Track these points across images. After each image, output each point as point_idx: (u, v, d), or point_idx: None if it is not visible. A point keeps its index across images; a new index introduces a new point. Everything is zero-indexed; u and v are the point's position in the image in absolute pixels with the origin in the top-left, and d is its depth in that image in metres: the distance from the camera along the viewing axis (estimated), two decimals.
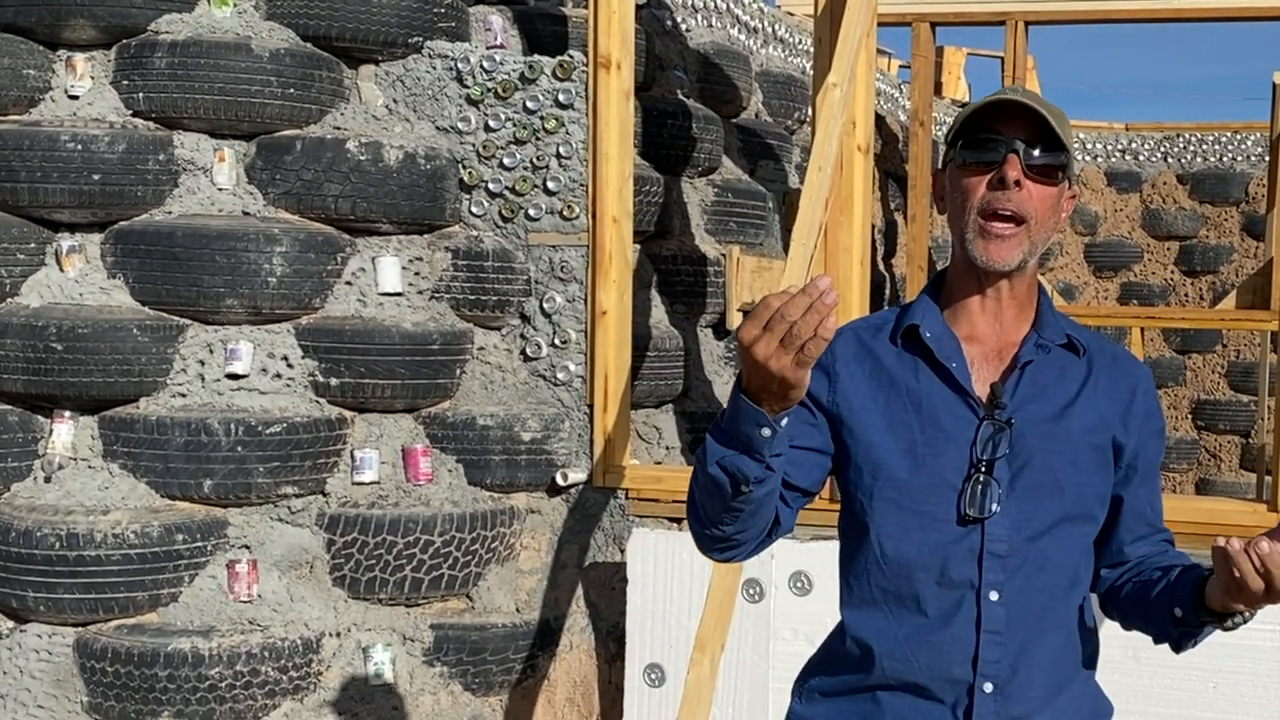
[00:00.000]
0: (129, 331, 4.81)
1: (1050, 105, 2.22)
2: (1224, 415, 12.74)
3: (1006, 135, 2.18)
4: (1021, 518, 2.19)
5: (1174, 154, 13.09)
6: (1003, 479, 2.18)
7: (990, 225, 2.18)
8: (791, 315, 1.86)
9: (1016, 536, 2.18)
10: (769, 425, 2.00)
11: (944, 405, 2.23)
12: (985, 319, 2.26)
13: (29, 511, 4.75)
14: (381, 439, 5.08)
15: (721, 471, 2.07)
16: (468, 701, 5.10)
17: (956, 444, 2.20)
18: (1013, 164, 2.16)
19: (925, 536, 2.20)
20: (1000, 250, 2.18)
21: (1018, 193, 2.17)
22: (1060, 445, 2.21)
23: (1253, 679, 4.40)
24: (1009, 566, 2.18)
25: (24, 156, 4.85)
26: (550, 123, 5.28)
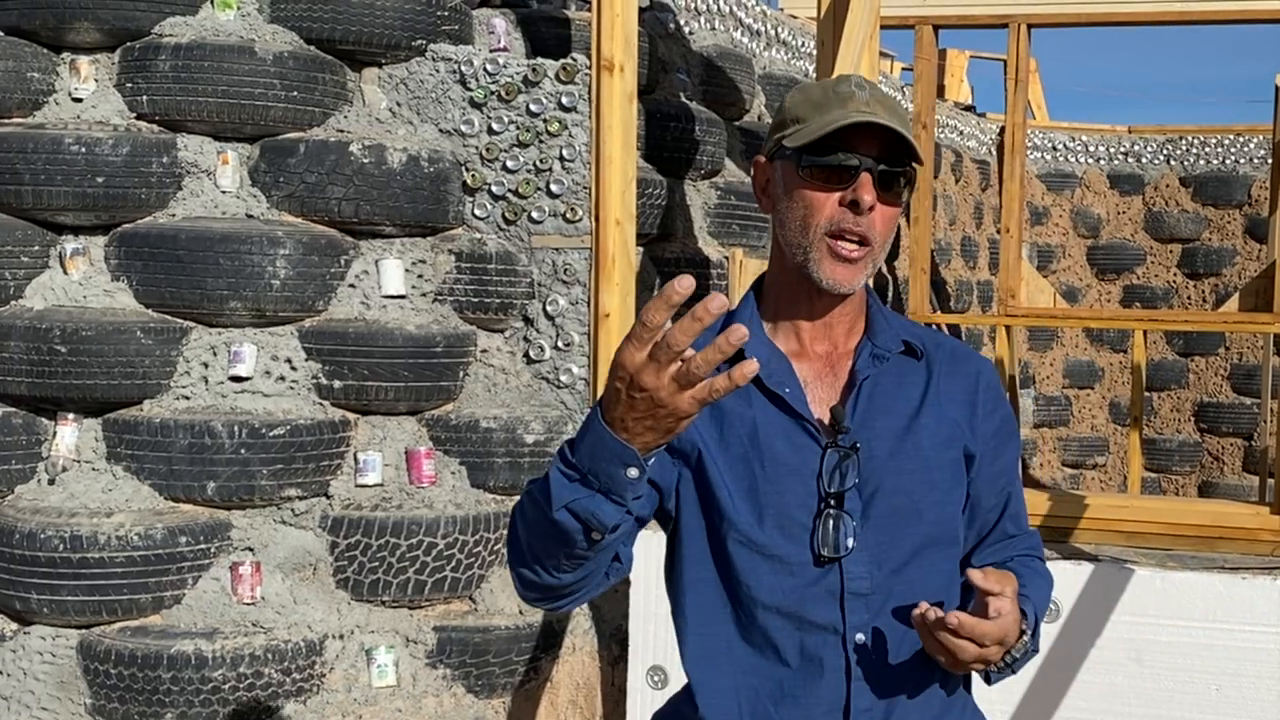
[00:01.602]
0: (133, 334, 4.82)
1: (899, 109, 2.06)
2: (1226, 418, 12.75)
3: (861, 153, 2.00)
4: (881, 550, 2.01)
5: (1176, 156, 13.10)
6: (855, 510, 2.01)
7: (839, 246, 2.01)
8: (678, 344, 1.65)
9: (878, 571, 2.01)
10: (637, 464, 1.74)
11: (782, 435, 2.03)
12: (815, 334, 2.10)
13: (33, 514, 4.76)
14: (385, 441, 5.09)
15: (571, 517, 1.79)
16: (470, 704, 5.10)
17: (801, 477, 2.01)
18: (867, 186, 1.99)
19: (779, 581, 2.01)
20: (848, 273, 2.02)
21: (870, 216, 2.01)
22: (912, 464, 2.04)
23: (1255, 681, 4.40)
24: (873, 605, 2.01)
25: (28, 159, 4.86)
26: (553, 125, 5.29)
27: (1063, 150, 13.24)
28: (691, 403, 1.68)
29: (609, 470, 1.75)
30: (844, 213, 2.00)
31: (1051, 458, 12.98)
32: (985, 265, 11.82)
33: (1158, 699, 4.46)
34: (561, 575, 1.91)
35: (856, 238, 2.00)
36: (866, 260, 2.02)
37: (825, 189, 2.01)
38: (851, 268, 2.02)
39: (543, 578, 1.93)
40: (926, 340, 2.15)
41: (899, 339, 2.11)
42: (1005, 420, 2.16)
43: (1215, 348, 12.81)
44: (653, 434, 1.72)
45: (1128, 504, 5.37)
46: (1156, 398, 12.90)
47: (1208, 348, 12.83)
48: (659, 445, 1.74)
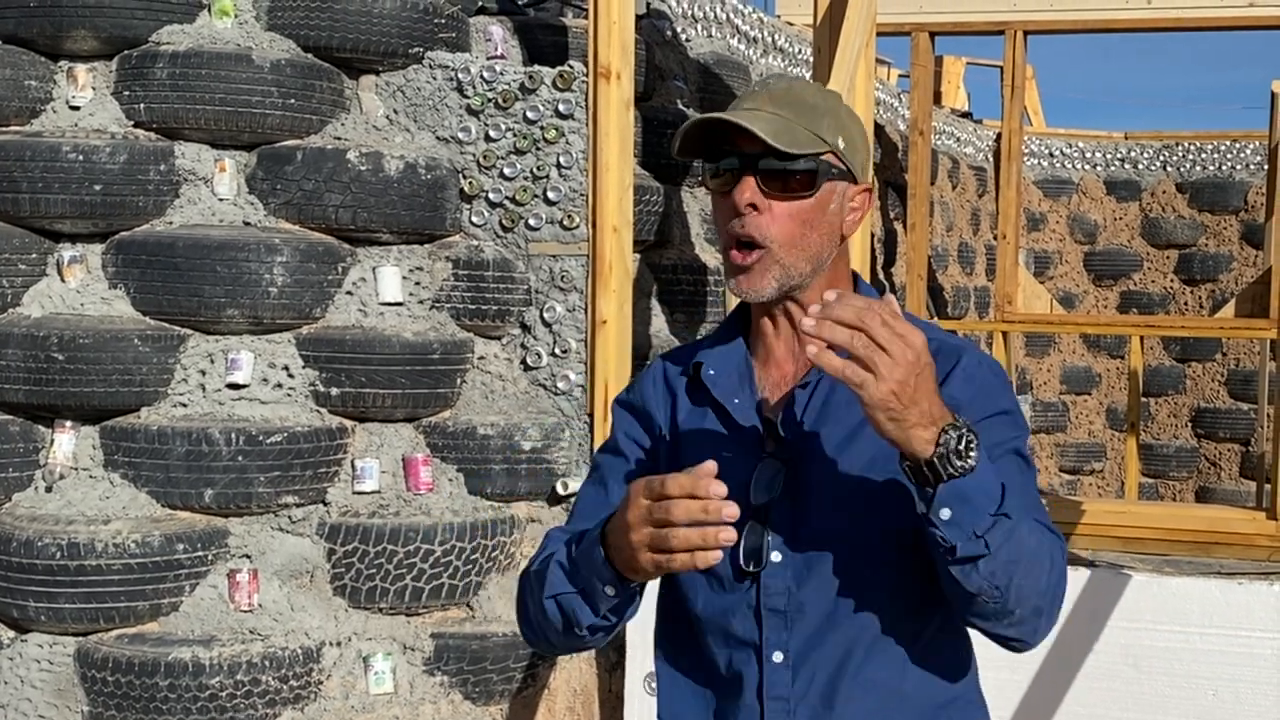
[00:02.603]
0: (130, 341, 4.82)
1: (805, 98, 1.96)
2: (1223, 423, 12.76)
3: (742, 149, 1.92)
4: (804, 565, 1.92)
5: (1173, 163, 13.12)
6: (784, 522, 1.93)
7: (732, 255, 1.94)
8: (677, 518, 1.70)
9: (798, 588, 1.92)
10: (615, 585, 1.83)
11: (725, 448, 1.97)
12: (781, 342, 2.02)
13: (30, 521, 4.76)
14: (382, 448, 5.09)
15: (556, 608, 1.91)
16: (468, 711, 5.10)
17: (732, 490, 1.85)
18: (744, 185, 1.91)
19: (711, 595, 1.98)
20: (750, 280, 1.93)
21: (754, 217, 1.91)
22: (851, 476, 1.93)
23: (1252, 686, 4.41)
24: (792, 623, 1.93)
25: (25, 167, 4.86)
26: (550, 133, 5.30)
27: (1059, 156, 13.26)
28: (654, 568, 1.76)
29: (589, 577, 1.85)
30: (733, 219, 1.94)
31: (1049, 463, 12.99)
32: (982, 271, 11.83)
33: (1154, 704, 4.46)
34: (561, 646, 2.03)
35: (745, 240, 1.93)
36: (766, 263, 1.92)
37: (724, 196, 1.95)
38: (751, 273, 1.93)
39: (545, 645, 2.04)
40: None
41: None
42: (984, 401, 1.94)
43: (1212, 353, 12.83)
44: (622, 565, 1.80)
45: (1125, 509, 5.37)
46: (1153, 403, 12.91)
47: (1205, 353, 12.84)
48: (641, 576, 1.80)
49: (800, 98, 1.96)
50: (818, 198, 1.94)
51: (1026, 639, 1.88)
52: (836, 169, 1.95)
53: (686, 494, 1.70)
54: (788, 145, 1.89)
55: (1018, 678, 4.52)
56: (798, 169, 1.92)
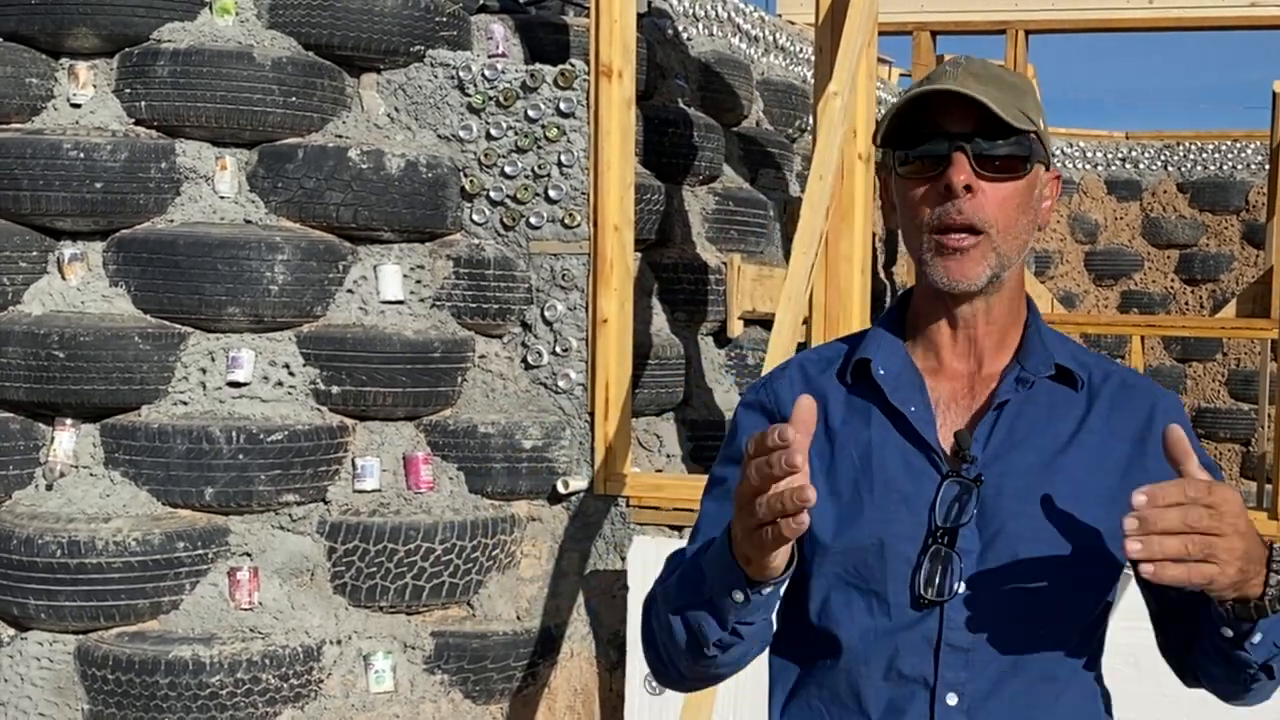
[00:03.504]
0: (131, 339, 4.81)
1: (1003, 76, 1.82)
2: (1224, 423, 12.74)
3: (949, 129, 1.77)
4: (994, 600, 1.74)
5: (1174, 162, 13.11)
6: (971, 551, 1.75)
7: (946, 239, 1.77)
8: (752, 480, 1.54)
9: (985, 624, 1.74)
10: (741, 589, 1.64)
11: (899, 459, 1.79)
12: (957, 350, 1.85)
13: (30, 519, 4.76)
14: (383, 447, 5.08)
15: (682, 626, 1.74)
16: (469, 709, 5.10)
17: (913, 507, 1.77)
18: (959, 166, 1.75)
19: (872, 621, 1.77)
20: (962, 267, 1.77)
21: (970, 200, 1.75)
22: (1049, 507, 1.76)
23: None
24: (974, 662, 1.74)
25: (26, 165, 4.86)
26: (552, 131, 5.29)
27: (1060, 156, 13.25)
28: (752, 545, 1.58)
29: (716, 582, 1.68)
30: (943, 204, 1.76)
31: None
32: None
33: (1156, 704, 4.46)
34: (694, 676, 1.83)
35: (962, 227, 1.76)
36: (984, 249, 1.77)
37: (921, 181, 1.78)
38: (964, 259, 1.77)
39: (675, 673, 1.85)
40: (1094, 368, 1.86)
41: (1052, 363, 1.83)
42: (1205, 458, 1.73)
43: (1213, 353, 12.82)
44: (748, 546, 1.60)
45: None
46: None
47: (1205, 353, 12.83)
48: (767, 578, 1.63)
49: (999, 76, 1.81)
50: (1028, 180, 1.80)
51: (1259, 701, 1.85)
52: (1042, 150, 1.83)
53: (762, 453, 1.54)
54: (1013, 119, 1.74)
55: None
56: (1011, 149, 1.77)
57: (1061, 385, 1.84)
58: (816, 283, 5.30)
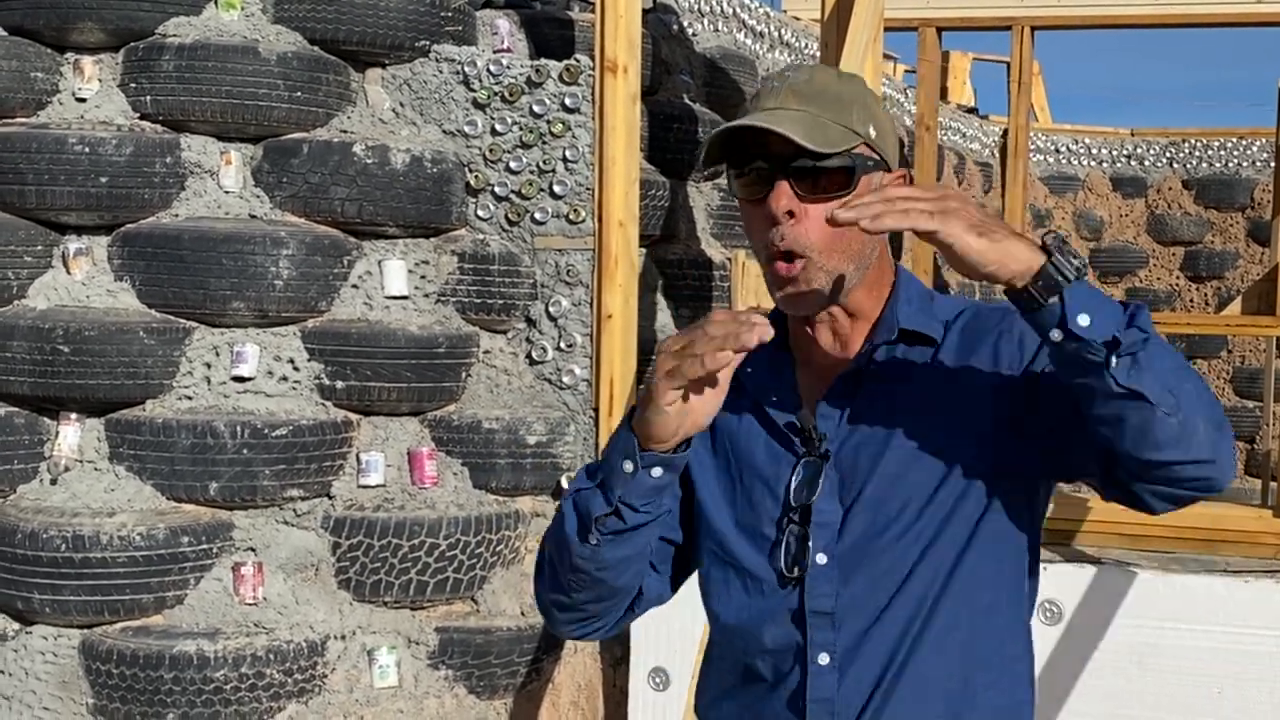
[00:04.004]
0: (135, 334, 4.82)
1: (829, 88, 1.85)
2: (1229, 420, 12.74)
3: (772, 151, 1.80)
4: (852, 564, 1.85)
5: (1179, 159, 13.10)
6: (832, 522, 1.86)
7: (776, 268, 1.83)
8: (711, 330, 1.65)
9: (845, 587, 1.84)
10: (634, 460, 1.73)
11: (762, 446, 1.91)
12: (824, 341, 1.93)
13: (35, 513, 4.76)
14: (387, 442, 5.09)
15: (573, 509, 1.82)
16: (472, 705, 5.10)
17: (773, 490, 1.89)
18: (779, 193, 1.80)
19: (747, 598, 1.91)
20: (798, 296, 1.84)
21: (793, 225, 1.81)
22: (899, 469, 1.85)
23: (1257, 685, 4.40)
24: (840, 623, 1.85)
25: (31, 159, 4.86)
26: (556, 126, 5.29)
27: (1065, 153, 13.24)
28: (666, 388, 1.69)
29: (612, 461, 1.76)
30: (771, 230, 1.83)
31: None
32: None
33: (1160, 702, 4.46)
34: (572, 594, 1.90)
35: (783, 254, 1.82)
36: (811, 273, 1.82)
37: (754, 203, 1.86)
38: (794, 288, 1.84)
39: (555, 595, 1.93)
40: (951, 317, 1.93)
41: (896, 329, 1.90)
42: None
43: (1218, 351, 12.81)
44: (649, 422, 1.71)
45: None
46: None
47: (1210, 351, 12.82)
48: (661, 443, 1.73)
49: (825, 88, 1.85)
50: (854, 194, 1.81)
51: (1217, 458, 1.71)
52: (871, 160, 1.85)
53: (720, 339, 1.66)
54: (821, 145, 1.78)
55: None
56: (833, 167, 1.81)
57: (917, 345, 1.90)
58: None
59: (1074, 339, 1.62)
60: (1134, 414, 1.65)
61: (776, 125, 1.78)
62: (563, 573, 1.88)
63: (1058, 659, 4.51)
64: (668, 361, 1.69)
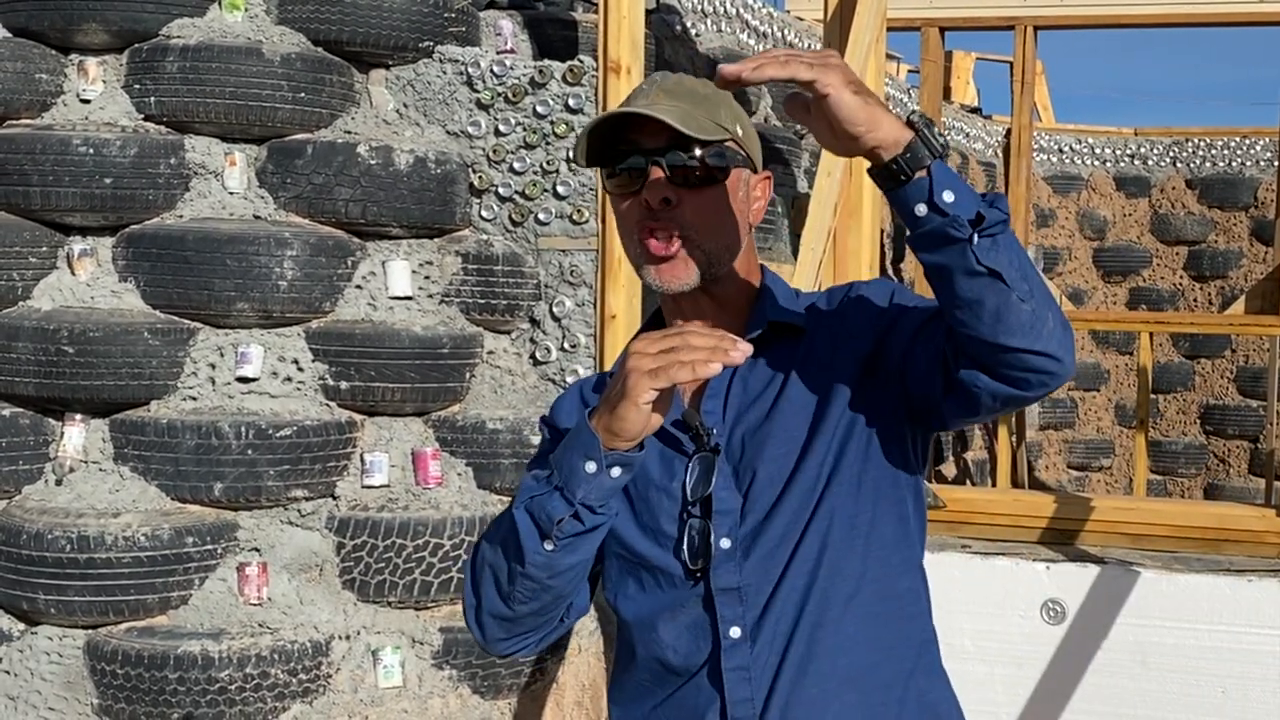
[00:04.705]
0: (140, 335, 4.83)
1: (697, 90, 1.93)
2: (1232, 420, 12.74)
3: (645, 146, 1.88)
4: (751, 541, 1.92)
5: (1183, 159, 13.10)
6: (733, 509, 1.93)
7: (649, 245, 1.89)
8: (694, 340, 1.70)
9: (748, 562, 1.91)
10: (597, 460, 1.75)
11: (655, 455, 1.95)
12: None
13: (40, 514, 4.77)
14: (391, 442, 5.09)
15: (526, 515, 1.83)
16: (476, 705, 5.11)
17: (670, 492, 1.95)
18: (655, 185, 1.88)
19: (660, 593, 1.98)
20: (672, 270, 1.90)
21: (668, 212, 1.88)
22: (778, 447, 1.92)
23: (1261, 684, 4.41)
24: (745, 597, 1.92)
25: (36, 160, 4.87)
26: (560, 127, 5.30)
27: (1069, 152, 13.24)
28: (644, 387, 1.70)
29: (570, 461, 1.78)
30: (645, 219, 1.89)
31: (1057, 460, 12.98)
32: None
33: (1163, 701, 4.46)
34: (514, 605, 1.93)
35: (660, 234, 1.89)
36: (689, 250, 1.90)
37: (627, 195, 1.91)
38: (672, 264, 1.90)
39: (496, 608, 1.96)
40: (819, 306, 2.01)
41: (765, 321, 1.97)
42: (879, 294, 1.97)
43: (1221, 350, 12.81)
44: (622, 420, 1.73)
45: (1133, 506, 5.37)
46: (1162, 400, 12.90)
47: (1214, 350, 12.82)
48: (626, 443, 1.75)
49: (692, 89, 1.93)
50: (728, 185, 1.91)
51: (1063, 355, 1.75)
52: (740, 155, 1.94)
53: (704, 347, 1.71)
54: (696, 131, 1.84)
55: (1026, 673, 4.52)
56: (704, 157, 1.88)
57: (785, 336, 1.97)
58: (824, 279, 5.30)
59: (939, 213, 1.66)
60: (991, 296, 1.68)
61: (654, 113, 1.83)
62: (507, 584, 1.91)
63: (1061, 658, 4.52)
64: (648, 362, 1.71)
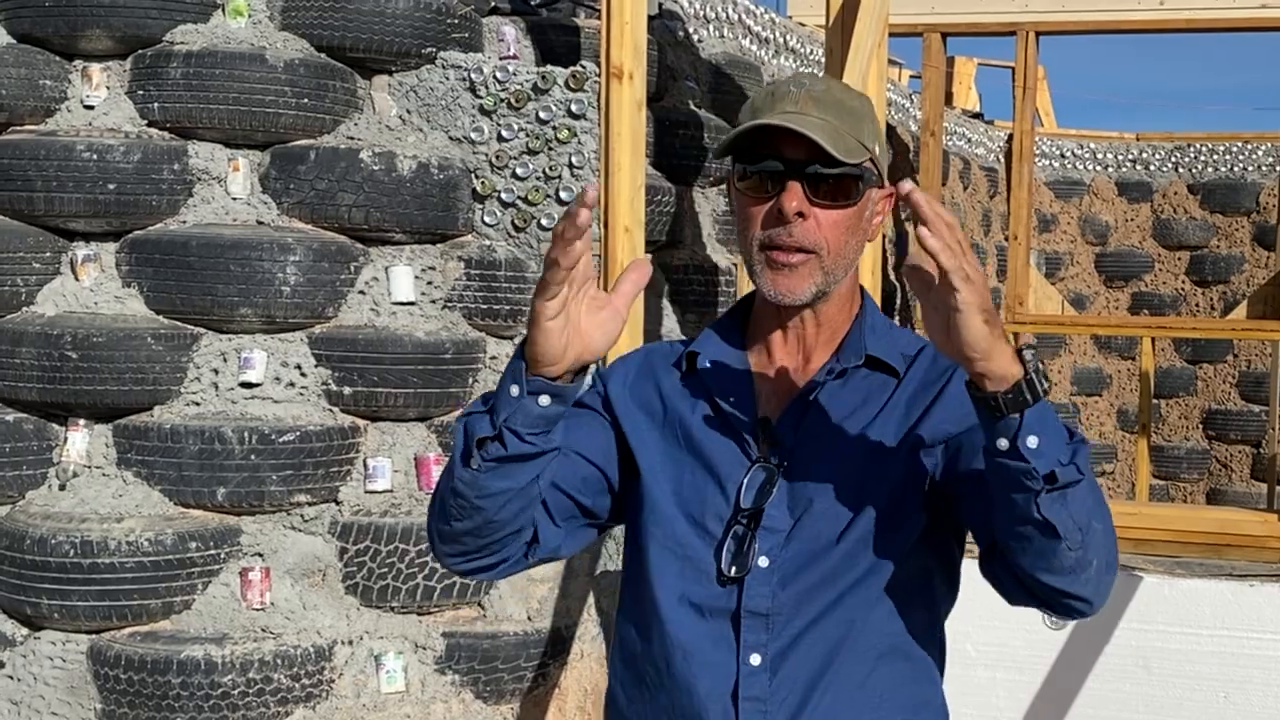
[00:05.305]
0: (143, 340, 4.83)
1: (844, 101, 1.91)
2: (1235, 425, 12.74)
3: (786, 155, 1.86)
4: (792, 570, 1.90)
5: (1185, 164, 13.10)
6: (781, 529, 1.91)
7: (775, 255, 1.89)
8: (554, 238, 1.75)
9: (783, 591, 1.89)
10: (520, 383, 1.78)
11: (716, 444, 1.96)
12: (787, 348, 1.99)
13: (43, 519, 4.78)
14: (394, 447, 5.10)
15: (461, 434, 1.85)
16: (479, 710, 5.11)
17: (724, 489, 1.94)
18: (792, 193, 1.86)
19: (685, 587, 1.95)
20: (790, 282, 1.89)
21: (801, 225, 1.87)
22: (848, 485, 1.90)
23: (1263, 688, 4.41)
24: (774, 626, 1.90)
25: (40, 166, 4.88)
26: (563, 133, 5.31)
27: (1071, 158, 13.25)
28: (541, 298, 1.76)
29: (501, 384, 1.81)
30: (774, 227, 1.88)
31: None
32: (993, 272, 11.83)
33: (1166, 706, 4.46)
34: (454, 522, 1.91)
35: (792, 248, 1.88)
36: (812, 267, 1.89)
37: (758, 199, 1.90)
38: (793, 274, 1.89)
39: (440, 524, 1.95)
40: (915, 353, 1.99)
41: (863, 353, 1.96)
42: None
43: (1223, 355, 12.81)
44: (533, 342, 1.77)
45: (1136, 511, 5.37)
46: (1164, 405, 12.90)
47: (1216, 355, 12.82)
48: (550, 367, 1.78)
49: (841, 101, 1.91)
50: (858, 205, 1.91)
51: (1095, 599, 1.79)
52: (874, 175, 1.93)
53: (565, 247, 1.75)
54: (844, 153, 1.85)
55: (1028, 679, 4.52)
56: (844, 176, 1.87)
57: (880, 373, 1.97)
58: None
59: (1018, 458, 1.67)
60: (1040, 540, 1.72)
61: (807, 130, 1.83)
62: (446, 497, 1.90)
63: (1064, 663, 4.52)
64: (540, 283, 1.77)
